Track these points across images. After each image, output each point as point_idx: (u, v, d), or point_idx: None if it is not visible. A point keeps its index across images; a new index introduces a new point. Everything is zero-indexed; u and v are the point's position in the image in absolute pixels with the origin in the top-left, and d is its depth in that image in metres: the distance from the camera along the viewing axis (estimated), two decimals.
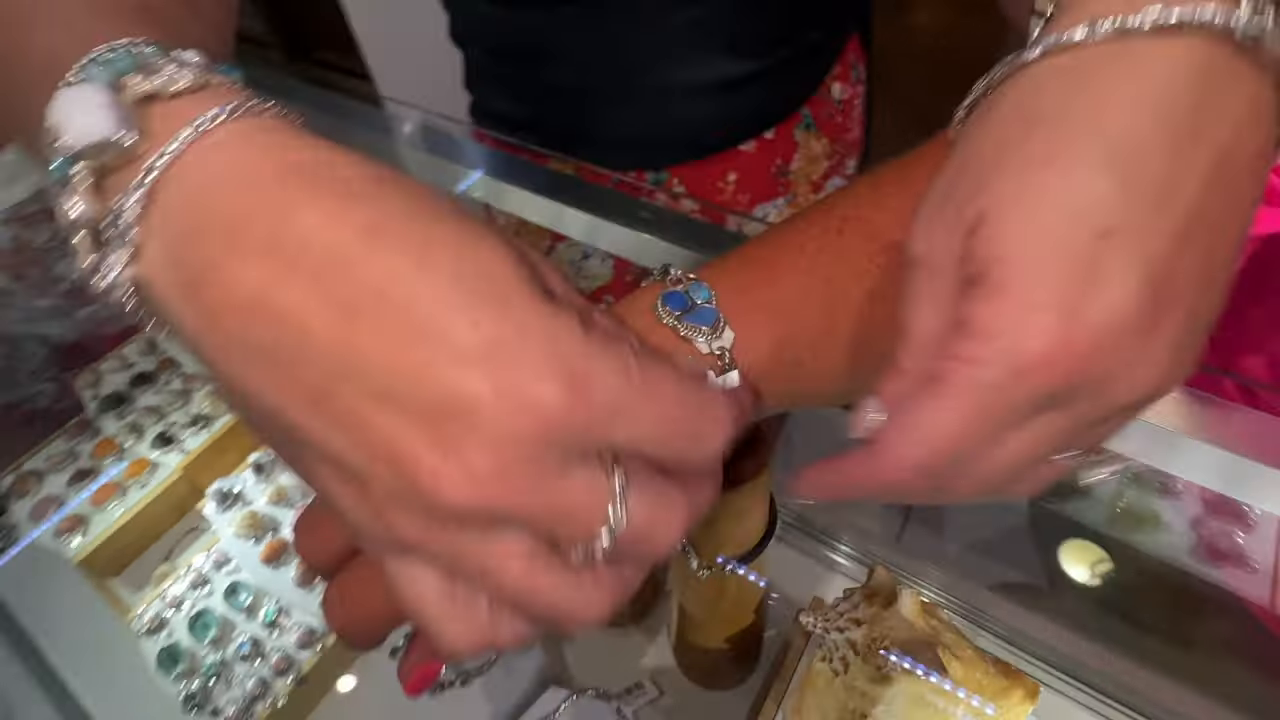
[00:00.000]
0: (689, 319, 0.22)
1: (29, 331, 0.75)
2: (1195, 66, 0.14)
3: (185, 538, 0.62)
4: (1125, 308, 0.14)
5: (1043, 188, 0.14)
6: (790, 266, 0.23)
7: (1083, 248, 0.14)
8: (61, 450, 0.64)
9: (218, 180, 0.15)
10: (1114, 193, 0.14)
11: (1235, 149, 0.15)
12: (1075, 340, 0.14)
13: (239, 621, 0.52)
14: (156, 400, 0.64)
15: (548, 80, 0.53)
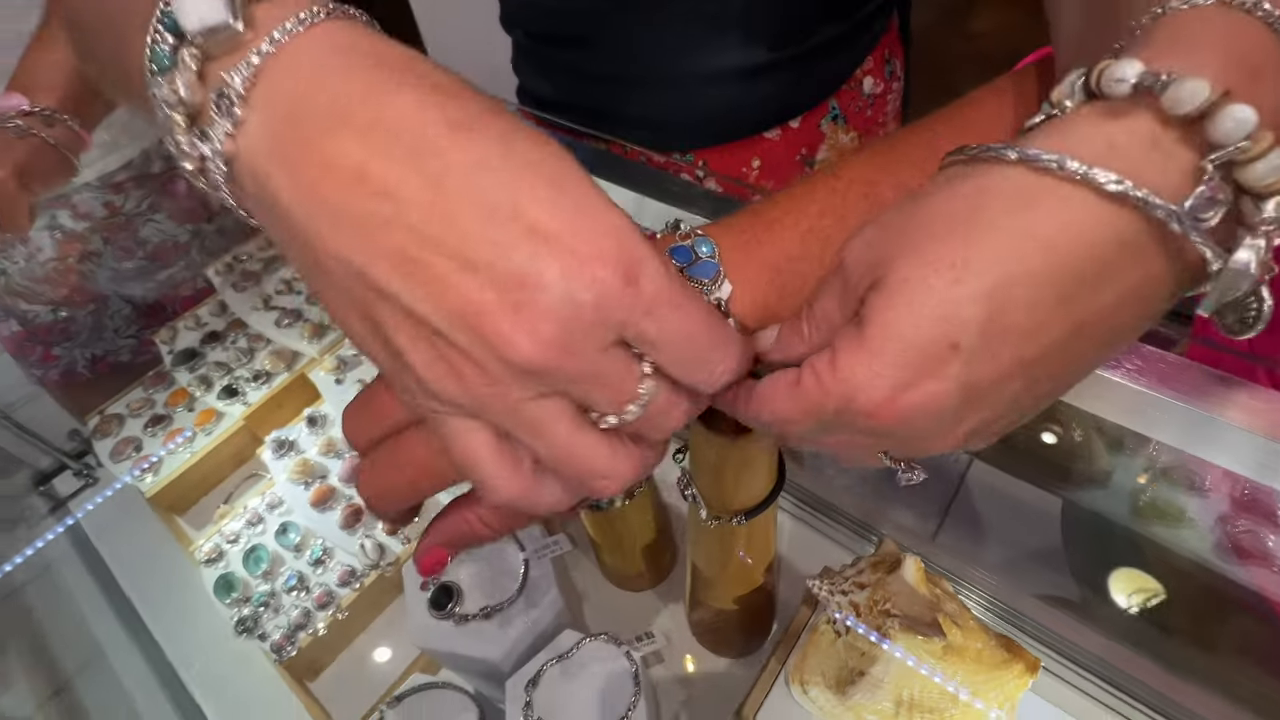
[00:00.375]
0: (691, 271, 0.24)
1: (116, 291, 0.82)
2: (1114, 238, 0.16)
3: (244, 482, 0.67)
4: (937, 402, 0.17)
5: (930, 289, 0.17)
6: (792, 225, 0.25)
7: (932, 347, 0.17)
8: (140, 398, 0.70)
9: (319, 68, 0.16)
10: (976, 322, 0.17)
11: (1109, 317, 0.17)
12: (892, 408, 0.18)
13: (287, 558, 0.57)
14: (224, 357, 0.70)
15: (582, 65, 0.56)
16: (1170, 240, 0.16)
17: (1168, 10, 0.17)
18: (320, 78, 0.16)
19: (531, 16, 0.58)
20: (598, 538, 0.53)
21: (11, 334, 0.79)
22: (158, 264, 0.80)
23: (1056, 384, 0.19)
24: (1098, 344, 0.18)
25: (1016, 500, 1.58)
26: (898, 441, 0.20)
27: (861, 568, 0.41)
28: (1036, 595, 0.75)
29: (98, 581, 0.64)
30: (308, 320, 0.69)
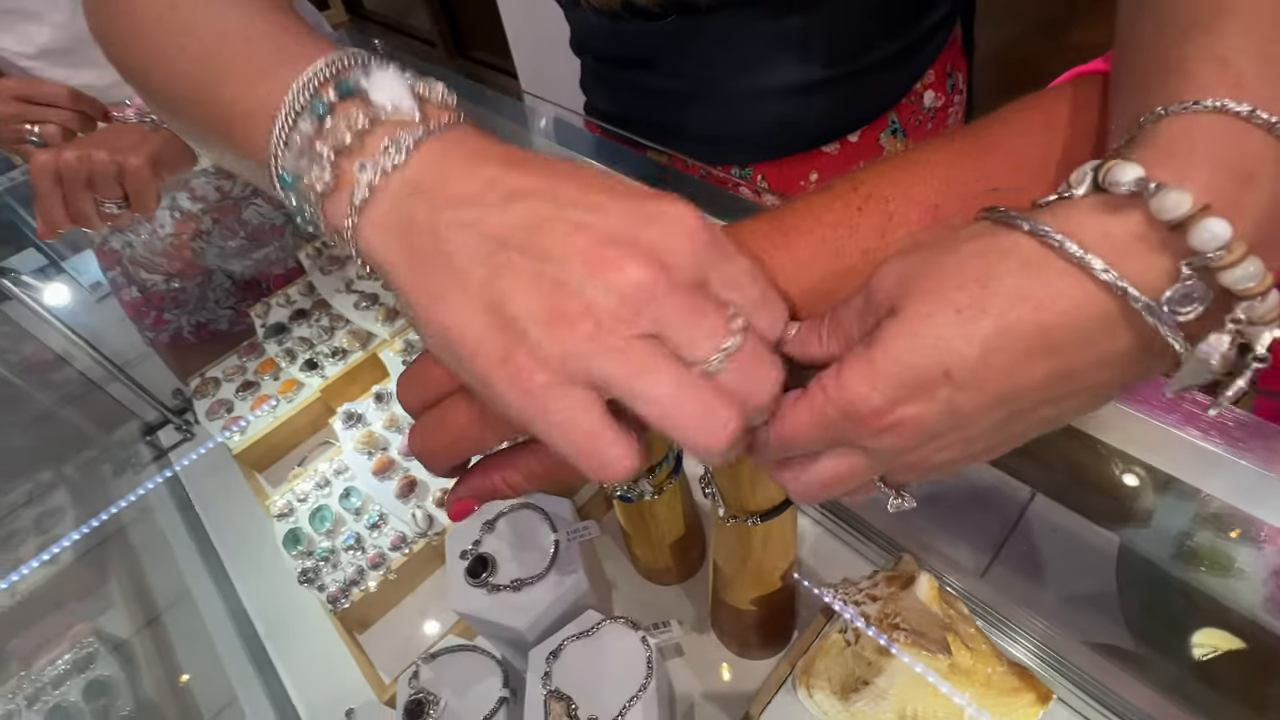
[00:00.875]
0: None
1: (220, 266, 0.91)
2: (1098, 314, 0.18)
3: (318, 448, 0.74)
4: (926, 419, 0.20)
5: (938, 324, 0.20)
6: (806, 233, 0.26)
7: (927, 371, 0.19)
8: (234, 364, 0.78)
9: (439, 159, 0.21)
10: (971, 360, 0.19)
11: (1086, 374, 0.20)
12: (885, 418, 0.20)
13: (348, 519, 0.62)
14: (308, 333, 0.76)
15: (645, 83, 0.58)
16: (1145, 325, 0.18)
17: (1170, 112, 0.19)
18: (439, 167, 0.21)
19: (597, 41, 0.61)
20: (629, 528, 0.55)
21: (132, 299, 0.89)
22: (256, 243, 0.89)
23: (1031, 424, 0.21)
24: (1074, 394, 0.20)
25: (1072, 540, 1.51)
26: (887, 457, 0.22)
27: (876, 580, 0.42)
28: (1087, 642, 0.73)
29: (188, 526, 0.72)
30: (383, 304, 0.75)
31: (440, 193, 0.21)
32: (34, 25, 0.65)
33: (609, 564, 0.62)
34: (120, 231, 0.84)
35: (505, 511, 0.49)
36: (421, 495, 0.61)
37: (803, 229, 0.26)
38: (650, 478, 0.47)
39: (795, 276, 0.26)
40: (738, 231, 0.27)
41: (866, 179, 0.27)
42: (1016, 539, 1.65)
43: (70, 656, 0.64)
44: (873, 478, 0.24)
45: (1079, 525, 1.57)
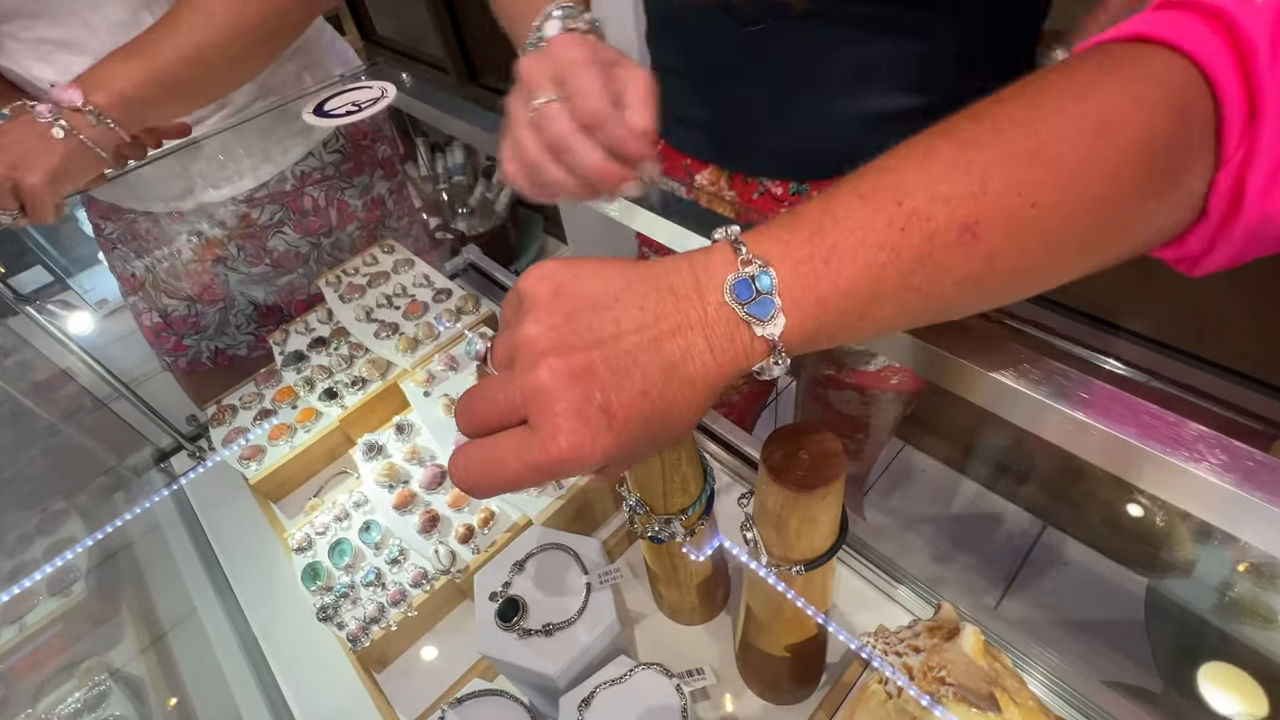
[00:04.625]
0: (750, 309, 0.25)
1: (242, 292, 0.91)
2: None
3: (335, 478, 0.73)
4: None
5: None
6: (850, 257, 0.25)
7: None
8: (252, 391, 0.77)
9: None
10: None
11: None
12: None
13: (368, 554, 0.61)
14: (328, 361, 0.76)
15: (723, 90, 0.58)
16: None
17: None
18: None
19: (678, 41, 0.59)
20: (656, 568, 0.54)
21: (153, 324, 0.89)
22: (280, 270, 0.89)
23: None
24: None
25: (1095, 577, 1.49)
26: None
27: (918, 630, 0.41)
28: (1109, 682, 0.71)
29: (202, 557, 0.71)
30: (403, 334, 0.75)
31: None
32: (73, 55, 0.65)
33: (631, 599, 0.61)
34: (145, 259, 0.84)
35: (534, 552, 0.48)
36: (444, 531, 0.60)
37: (845, 250, 0.26)
38: (683, 518, 0.47)
39: (830, 306, 0.26)
40: (776, 254, 0.26)
41: (911, 189, 0.25)
42: (1030, 573, 1.63)
43: (81, 695, 0.62)
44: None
45: (1090, 558, 1.56)
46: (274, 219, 0.84)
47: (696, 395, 0.26)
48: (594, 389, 0.24)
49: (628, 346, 0.25)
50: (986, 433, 1.47)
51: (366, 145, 0.87)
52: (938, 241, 0.25)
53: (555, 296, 0.26)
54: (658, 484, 0.44)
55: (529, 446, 0.25)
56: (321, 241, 0.89)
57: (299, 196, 0.84)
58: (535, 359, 0.25)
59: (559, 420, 0.24)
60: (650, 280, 0.26)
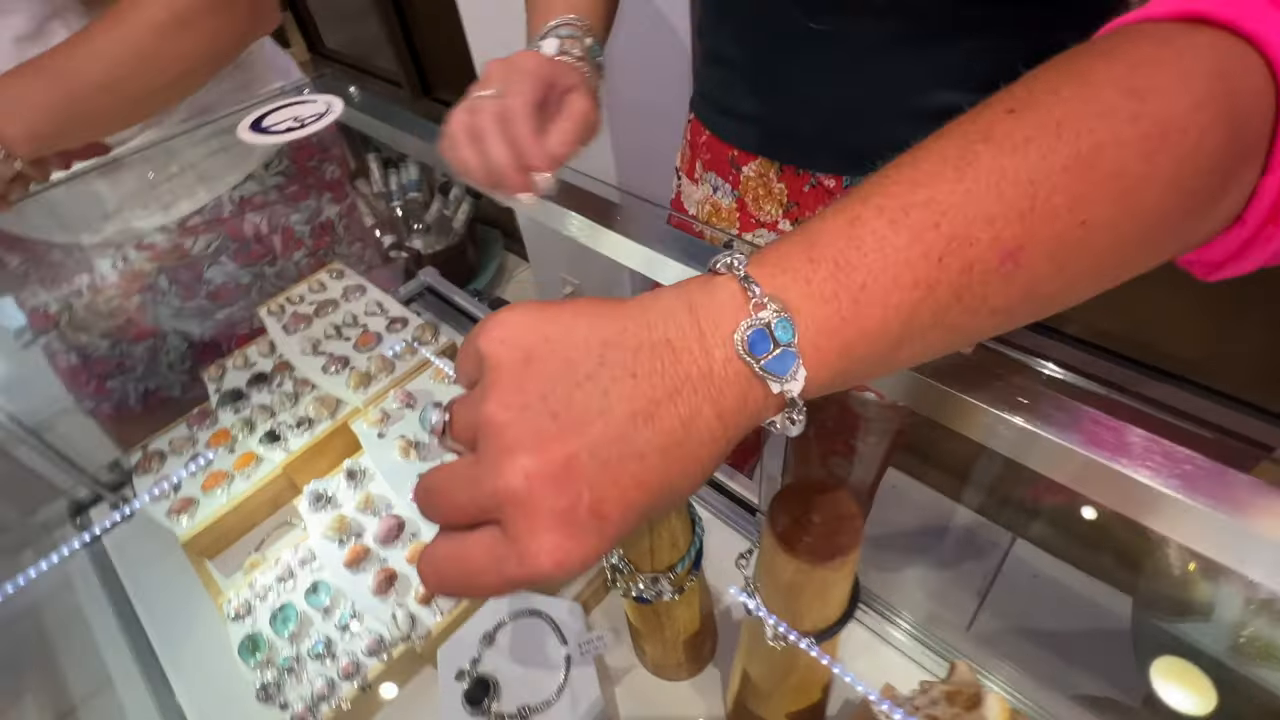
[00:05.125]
0: (767, 366, 0.21)
1: (174, 327, 0.83)
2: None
3: (277, 530, 0.66)
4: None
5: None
6: (880, 299, 0.22)
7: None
8: (183, 435, 0.70)
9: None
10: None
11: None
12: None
13: (316, 620, 0.55)
14: (269, 399, 0.69)
15: (776, 83, 0.55)
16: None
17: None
18: None
19: (734, 30, 0.57)
20: (640, 627, 0.50)
21: (69, 366, 0.80)
22: (218, 304, 0.82)
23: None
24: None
25: (1065, 589, 1.48)
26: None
27: (935, 697, 0.37)
28: (1089, 697, 0.69)
29: (125, 628, 0.63)
30: (354, 368, 0.69)
31: None
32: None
33: (611, 656, 0.56)
34: (60, 294, 0.76)
35: (506, 621, 0.43)
36: (402, 592, 0.54)
37: (876, 290, 0.22)
38: (670, 576, 0.42)
39: (855, 355, 0.22)
40: (796, 299, 0.22)
41: (949, 208, 0.21)
42: (1002, 590, 1.62)
43: None
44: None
45: (1061, 571, 1.57)
46: (210, 248, 0.77)
47: (701, 467, 0.22)
48: (581, 489, 0.20)
49: (619, 429, 0.20)
50: (945, 440, 1.48)
51: (313, 166, 0.81)
52: (977, 271, 0.22)
53: (525, 366, 0.21)
54: (643, 541, 0.39)
55: (507, 559, 0.21)
56: (264, 271, 0.82)
57: (238, 223, 0.77)
58: (505, 456, 0.20)
59: (540, 535, 0.20)
60: (640, 333, 0.22)
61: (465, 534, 0.22)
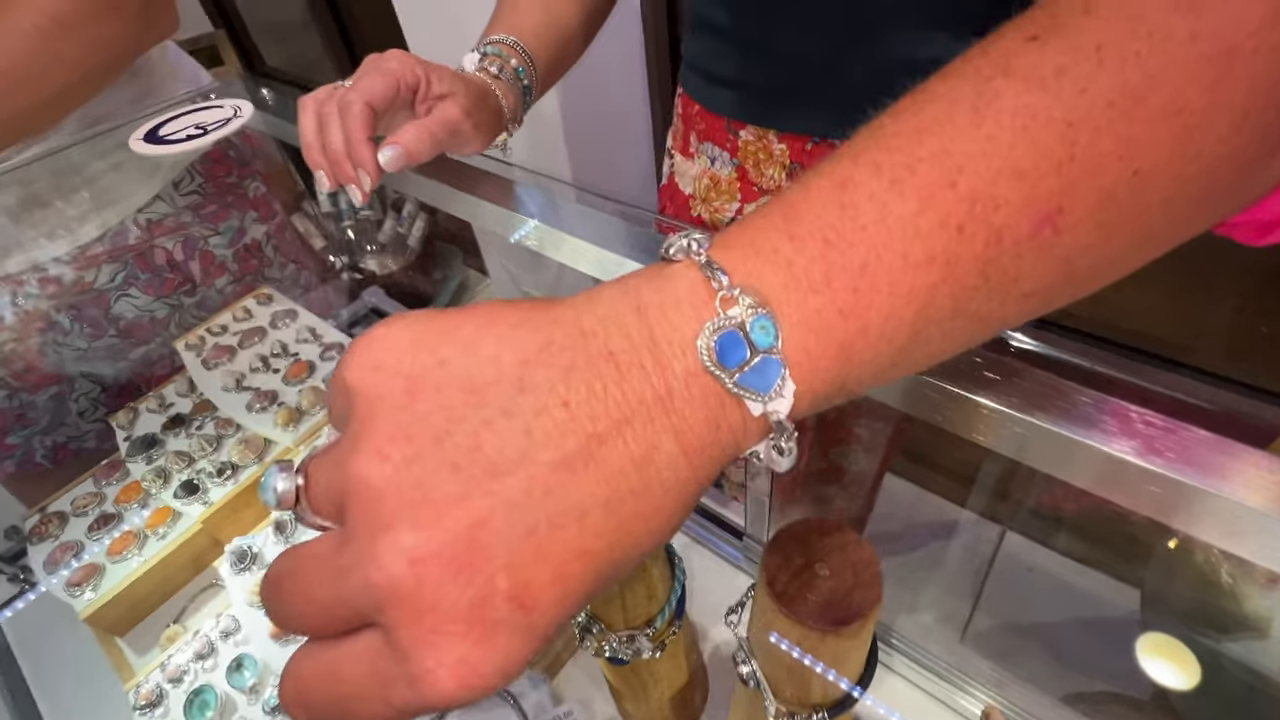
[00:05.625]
0: (744, 380, 0.16)
1: (82, 370, 0.74)
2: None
3: (200, 595, 0.58)
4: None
5: None
6: (885, 286, 0.16)
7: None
8: (88, 493, 0.61)
9: None
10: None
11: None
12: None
13: (240, 703, 0.47)
14: (186, 445, 0.61)
15: (770, 44, 0.51)
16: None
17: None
18: None
19: (721, 6, 0.53)
20: (620, 687, 0.43)
21: None
22: (131, 341, 0.73)
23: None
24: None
25: (1051, 579, 1.43)
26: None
27: None
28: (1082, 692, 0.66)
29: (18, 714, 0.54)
30: (283, 404, 0.61)
31: None
32: None
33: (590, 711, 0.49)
34: None
35: None
36: None
37: (881, 272, 0.16)
38: (648, 633, 0.36)
39: (853, 357, 0.16)
40: (778, 295, 0.16)
41: (967, 160, 0.16)
42: (994, 592, 1.56)
43: None
44: None
45: (1054, 562, 1.51)
46: (116, 280, 0.68)
47: (666, 520, 0.16)
48: (494, 571, 0.14)
49: (547, 479, 0.14)
50: (919, 428, 1.43)
51: (232, 183, 0.73)
52: (1007, 242, 0.16)
53: (410, 400, 0.15)
54: (614, 597, 0.32)
55: (393, 682, 0.14)
56: (183, 302, 0.73)
57: (148, 251, 0.69)
58: (382, 533, 0.14)
59: (438, 646, 0.14)
60: (572, 345, 0.16)
61: (337, 644, 0.16)
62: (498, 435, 0.14)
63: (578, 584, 0.15)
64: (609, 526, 0.15)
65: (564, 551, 0.14)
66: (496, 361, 0.15)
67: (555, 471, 0.14)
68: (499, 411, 0.15)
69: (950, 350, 0.19)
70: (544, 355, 0.15)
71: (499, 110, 0.48)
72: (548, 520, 0.14)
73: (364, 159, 0.40)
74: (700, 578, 0.55)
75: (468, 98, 0.44)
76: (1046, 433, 0.26)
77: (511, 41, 0.49)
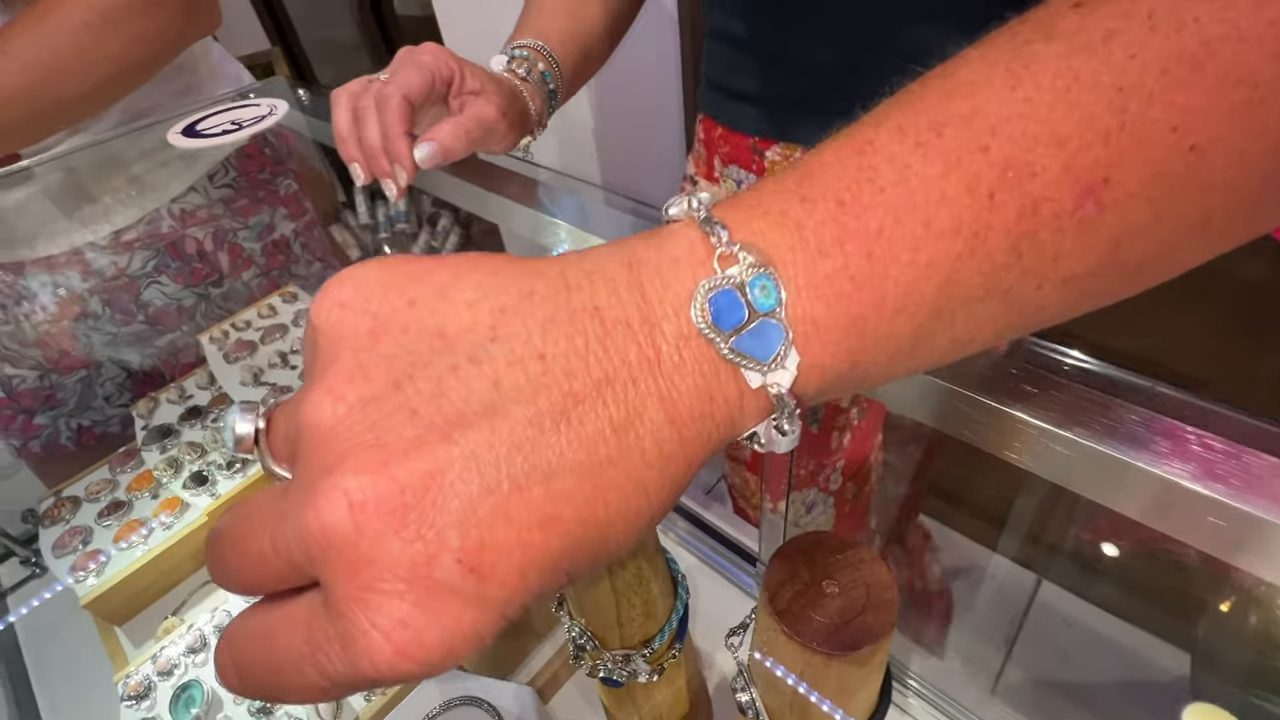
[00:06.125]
0: (739, 344, 0.14)
1: (110, 356, 0.76)
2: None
3: (201, 589, 0.57)
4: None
5: None
6: (906, 249, 0.14)
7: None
8: (103, 479, 0.61)
9: None
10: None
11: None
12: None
13: (226, 701, 0.45)
14: (200, 437, 0.61)
15: (791, 53, 0.50)
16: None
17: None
18: None
19: (739, 17, 0.53)
20: (614, 711, 0.40)
21: None
22: (158, 329, 0.74)
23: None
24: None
25: (1099, 636, 1.33)
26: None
27: None
28: None
29: (17, 705, 0.53)
30: None
31: None
32: None
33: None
34: None
35: (436, 714, 0.33)
36: None
37: (900, 237, 0.14)
38: (645, 654, 0.33)
39: (869, 330, 0.15)
40: (782, 253, 0.15)
41: (1001, 123, 0.15)
42: (1029, 643, 1.45)
43: None
44: None
45: (1094, 616, 1.41)
46: (147, 267, 0.70)
47: (646, 496, 0.14)
48: (446, 526, 0.12)
49: (514, 434, 0.13)
50: (949, 464, 1.36)
51: (264, 179, 0.75)
52: (1045, 214, 0.15)
53: (373, 340, 0.14)
54: (609, 612, 0.30)
55: (326, 644, 0.13)
56: (210, 292, 0.74)
57: (179, 240, 0.71)
58: (324, 475, 0.13)
59: (375, 605, 0.12)
60: (554, 297, 0.14)
61: (277, 605, 0.14)
62: (463, 383, 0.13)
63: (540, 555, 0.13)
64: (579, 494, 0.13)
65: (526, 515, 0.13)
66: (472, 307, 0.14)
67: (524, 427, 0.13)
68: (467, 358, 0.13)
69: (978, 340, 0.17)
70: (523, 304, 0.14)
71: (527, 111, 0.48)
72: (510, 478, 0.13)
73: (401, 154, 0.40)
74: (708, 601, 0.52)
75: (500, 96, 0.44)
76: (1091, 452, 0.23)
77: (538, 46, 0.49)
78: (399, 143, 0.39)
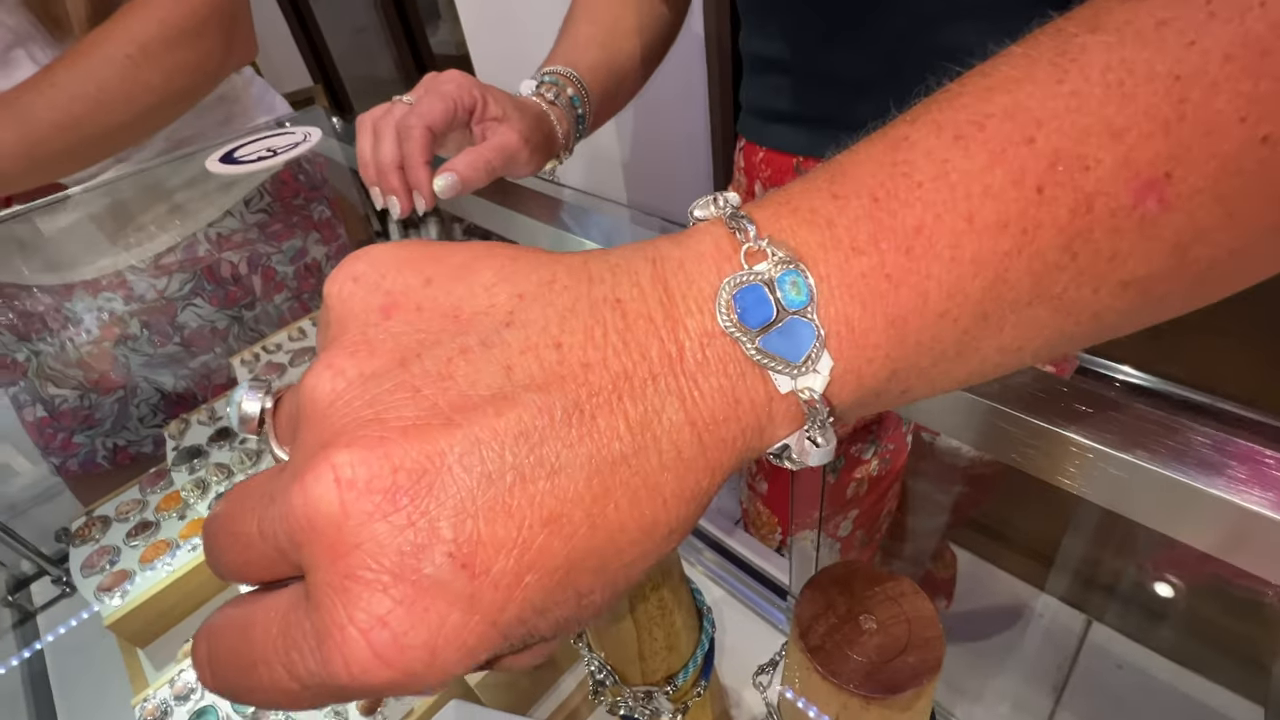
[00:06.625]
0: (768, 342, 0.13)
1: (145, 377, 0.78)
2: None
3: None
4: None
5: None
6: (948, 243, 0.13)
7: None
8: (133, 499, 0.62)
9: None
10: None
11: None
12: None
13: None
14: (228, 458, 0.62)
15: (828, 72, 0.50)
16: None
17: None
18: None
19: (777, 38, 0.53)
20: None
21: (36, 420, 0.75)
22: (192, 350, 0.76)
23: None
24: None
25: (1153, 679, 1.25)
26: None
27: None
28: None
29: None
30: None
31: None
32: None
33: None
34: (28, 341, 0.71)
35: None
36: None
37: (940, 234, 0.13)
38: (668, 690, 0.32)
39: (911, 335, 0.13)
40: (813, 249, 0.14)
41: (1048, 116, 0.13)
42: (1077, 679, 1.37)
43: None
44: None
45: (1149, 660, 1.33)
46: (184, 289, 0.71)
47: (662, 504, 0.13)
48: (439, 517, 0.11)
49: (522, 424, 0.12)
50: (989, 498, 1.30)
51: (299, 205, 0.77)
52: (1099, 210, 0.13)
53: (384, 316, 0.13)
54: (629, 645, 0.29)
55: (302, 642, 0.12)
56: (243, 315, 0.76)
57: (215, 263, 0.72)
58: (317, 453, 0.12)
59: (353, 596, 0.11)
60: (575, 287, 0.14)
61: (260, 596, 0.13)
62: (473, 366, 0.12)
63: (540, 559, 0.12)
64: (588, 493, 0.12)
65: (529, 510, 0.12)
66: (489, 290, 0.13)
67: (533, 415, 0.12)
68: (479, 341, 0.13)
69: (1030, 350, 0.15)
70: (543, 291, 0.13)
71: (553, 135, 0.48)
72: (515, 468, 0.12)
73: (420, 183, 0.41)
74: (735, 637, 0.50)
75: (523, 122, 0.45)
76: (1157, 478, 0.21)
77: (568, 73, 0.50)
78: (419, 171, 0.40)
